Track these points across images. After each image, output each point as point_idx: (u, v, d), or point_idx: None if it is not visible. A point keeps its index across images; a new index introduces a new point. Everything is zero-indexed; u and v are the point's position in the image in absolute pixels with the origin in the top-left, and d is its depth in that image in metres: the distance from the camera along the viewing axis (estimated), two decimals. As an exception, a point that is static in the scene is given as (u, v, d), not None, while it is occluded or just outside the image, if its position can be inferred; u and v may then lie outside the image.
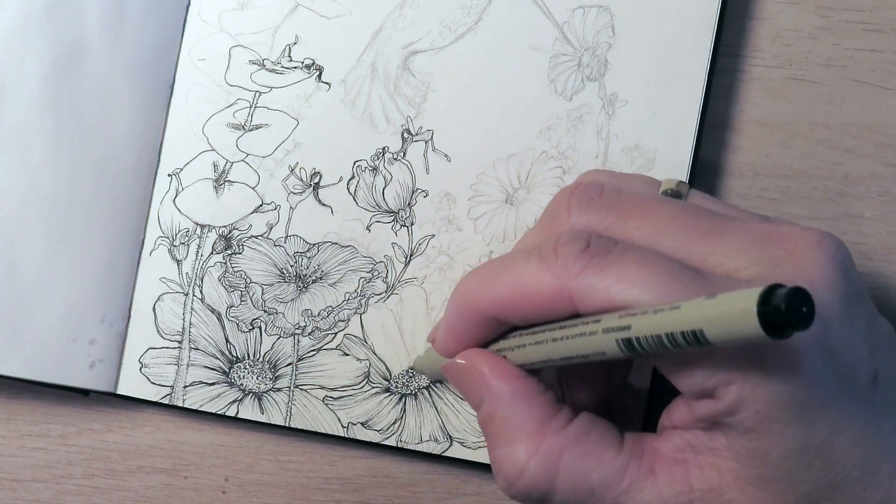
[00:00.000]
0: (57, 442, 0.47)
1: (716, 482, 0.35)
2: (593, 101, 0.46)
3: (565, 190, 0.39)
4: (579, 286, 0.35)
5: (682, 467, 0.36)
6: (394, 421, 0.46)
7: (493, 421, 0.38)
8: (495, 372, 0.38)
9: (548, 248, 0.36)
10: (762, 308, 0.29)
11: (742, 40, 0.47)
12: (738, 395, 0.33)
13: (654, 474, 0.36)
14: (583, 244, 0.35)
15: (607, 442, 0.37)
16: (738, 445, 0.34)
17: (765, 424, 0.33)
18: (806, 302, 0.30)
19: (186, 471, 0.47)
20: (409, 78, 0.46)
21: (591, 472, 0.36)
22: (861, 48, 0.47)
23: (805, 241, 0.35)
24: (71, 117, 0.45)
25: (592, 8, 0.46)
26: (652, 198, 0.38)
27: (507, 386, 0.38)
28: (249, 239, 0.46)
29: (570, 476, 0.37)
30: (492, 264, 0.38)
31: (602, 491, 0.36)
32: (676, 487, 0.36)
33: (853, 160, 0.47)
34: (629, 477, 0.36)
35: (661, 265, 0.34)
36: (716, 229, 0.36)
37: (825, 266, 0.35)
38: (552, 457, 0.37)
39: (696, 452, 0.36)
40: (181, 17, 0.47)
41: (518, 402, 0.38)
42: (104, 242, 0.46)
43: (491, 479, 0.46)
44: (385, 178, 0.46)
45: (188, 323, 0.46)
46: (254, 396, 0.46)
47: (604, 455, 0.37)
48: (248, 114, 0.46)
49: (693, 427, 0.36)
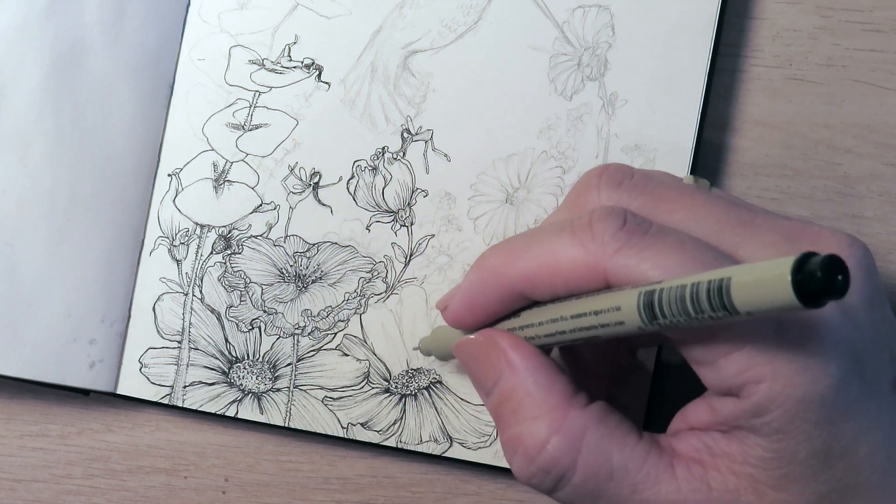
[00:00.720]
0: (57, 442, 0.47)
1: (733, 485, 0.35)
2: (593, 100, 0.46)
3: (594, 170, 0.38)
4: (615, 265, 0.34)
5: (699, 466, 0.35)
6: (394, 421, 0.46)
7: (513, 398, 0.37)
8: (516, 347, 0.37)
9: (582, 223, 0.35)
10: (797, 276, 0.29)
11: (742, 40, 0.47)
12: (767, 393, 0.33)
13: (673, 468, 0.36)
14: (620, 222, 0.35)
15: (626, 428, 0.36)
16: (758, 451, 0.34)
17: (793, 425, 0.33)
18: (842, 270, 0.29)
19: (186, 471, 0.47)
20: (408, 78, 0.46)
21: (612, 455, 0.36)
22: (861, 48, 0.47)
23: (836, 242, 0.35)
24: (71, 117, 0.45)
25: (592, 8, 0.46)
26: (682, 186, 0.38)
27: (530, 360, 0.37)
28: (249, 239, 0.46)
29: (592, 456, 0.36)
30: (518, 238, 0.38)
31: (621, 476, 0.36)
32: (695, 484, 0.35)
33: (853, 160, 0.47)
34: (649, 466, 0.36)
35: (699, 251, 0.34)
36: (747, 221, 0.36)
37: (854, 269, 0.34)
38: (576, 433, 0.36)
39: (713, 455, 0.35)
40: (181, 17, 0.47)
41: (541, 377, 0.37)
42: (104, 242, 0.46)
43: (491, 479, 0.46)
44: (385, 178, 0.46)
45: (188, 323, 0.46)
46: (253, 396, 0.46)
47: (625, 439, 0.36)
48: (247, 114, 0.46)
49: (712, 429, 0.35)
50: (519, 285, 0.37)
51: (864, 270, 0.35)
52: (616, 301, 0.34)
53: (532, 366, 0.37)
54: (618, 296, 0.34)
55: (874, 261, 0.36)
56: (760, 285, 0.29)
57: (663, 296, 0.32)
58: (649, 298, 0.32)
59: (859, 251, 0.35)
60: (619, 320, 0.34)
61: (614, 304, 0.34)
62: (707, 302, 0.31)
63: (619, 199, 0.37)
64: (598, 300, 0.35)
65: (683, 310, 0.32)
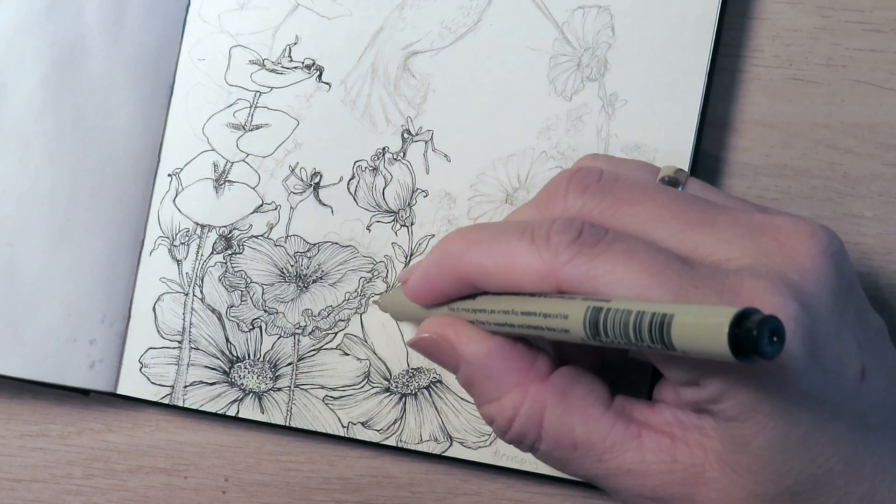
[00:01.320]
0: (57, 442, 0.47)
1: (699, 459, 0.35)
2: (593, 101, 0.46)
3: (564, 173, 0.39)
4: (566, 274, 0.35)
5: (668, 439, 0.36)
6: (394, 421, 0.46)
7: (474, 384, 0.39)
8: (463, 338, 0.39)
9: (541, 232, 0.36)
10: (734, 328, 0.29)
11: (742, 40, 0.47)
12: (721, 385, 0.33)
13: (640, 438, 0.36)
14: (575, 234, 0.36)
15: (593, 398, 0.37)
16: (720, 431, 0.35)
17: (746, 415, 0.33)
18: (777, 333, 0.30)
19: (186, 471, 0.47)
20: (409, 78, 0.46)
21: (574, 427, 0.37)
22: (861, 48, 0.47)
23: (797, 232, 0.35)
24: (71, 117, 0.45)
25: (592, 8, 0.46)
26: (648, 185, 0.38)
27: (479, 348, 0.38)
28: (250, 239, 0.46)
29: (554, 429, 0.37)
30: (482, 230, 0.39)
31: (585, 447, 0.37)
32: (661, 455, 0.36)
33: (853, 160, 0.47)
34: (614, 437, 0.36)
35: (648, 256, 0.34)
36: (708, 218, 0.36)
37: (816, 258, 0.35)
38: (537, 407, 0.37)
39: (685, 429, 0.36)
40: (181, 17, 0.47)
41: (493, 361, 0.38)
42: (104, 242, 0.46)
43: (491, 479, 0.46)
44: (385, 178, 0.46)
45: (188, 323, 0.46)
46: (254, 396, 0.46)
47: (588, 411, 0.37)
48: (248, 114, 0.46)
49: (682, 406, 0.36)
50: (473, 276, 0.38)
51: (828, 258, 0.35)
52: (565, 309, 0.35)
53: (483, 353, 0.38)
54: (568, 304, 0.35)
55: (843, 248, 0.36)
56: (698, 330, 0.30)
57: (609, 316, 0.33)
58: (595, 316, 0.33)
59: (824, 239, 0.36)
60: (565, 328, 0.35)
61: (563, 311, 0.35)
62: (647, 333, 0.31)
63: (584, 204, 0.38)
64: (549, 304, 0.35)
65: (625, 334, 0.32)
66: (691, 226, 0.36)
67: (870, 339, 0.36)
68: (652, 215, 0.37)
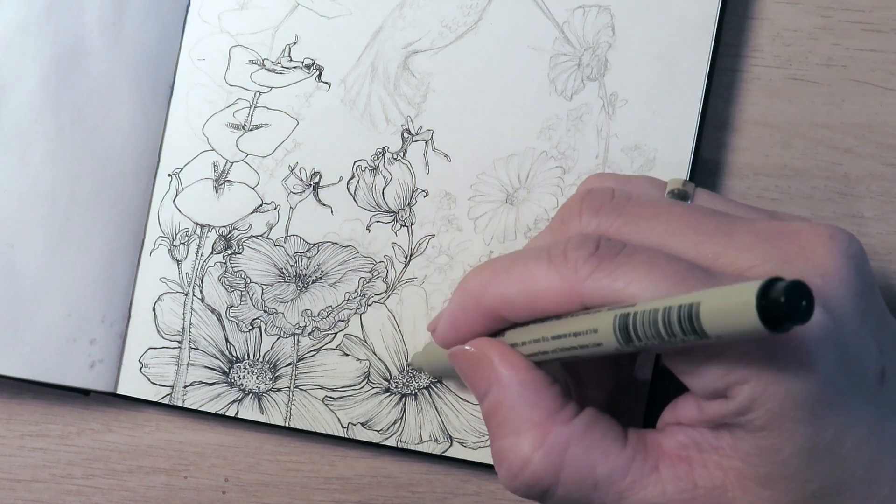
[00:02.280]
0: (57, 442, 0.47)
1: (720, 481, 0.35)
2: (593, 100, 0.46)
3: (576, 195, 0.39)
4: (588, 289, 0.35)
5: (685, 464, 0.36)
6: (394, 421, 0.46)
7: (500, 411, 0.38)
8: (504, 360, 0.38)
9: (557, 250, 0.36)
10: (761, 301, 0.29)
11: (742, 40, 0.47)
12: (750, 393, 0.33)
13: (658, 471, 0.36)
14: (592, 247, 0.35)
15: (612, 436, 0.37)
16: (745, 445, 0.34)
17: (776, 423, 0.33)
18: (805, 295, 0.29)
19: (186, 471, 0.47)
20: (409, 78, 0.46)
21: (596, 466, 0.36)
22: (861, 48, 0.47)
23: (817, 236, 0.35)
24: (71, 117, 0.45)
25: (592, 8, 0.46)
26: (661, 201, 0.38)
27: (516, 375, 0.38)
28: (249, 239, 0.46)
29: (575, 469, 0.36)
30: (499, 262, 0.38)
31: (606, 485, 0.36)
32: (680, 484, 0.35)
33: (853, 160, 0.47)
34: (633, 472, 0.36)
35: (668, 265, 0.34)
36: (725, 228, 0.36)
37: (838, 261, 0.35)
38: (558, 449, 0.36)
39: (701, 450, 0.36)
40: (181, 17, 0.47)
41: (526, 392, 0.37)
42: (104, 242, 0.46)
43: (491, 479, 0.46)
44: (385, 178, 0.46)
45: (188, 323, 0.46)
46: (254, 396, 0.46)
47: (609, 449, 0.36)
48: (248, 114, 0.46)
49: (699, 425, 0.36)
50: (498, 308, 0.38)
51: (849, 260, 0.35)
52: (593, 323, 0.34)
53: (519, 380, 0.38)
54: (595, 318, 0.34)
55: (863, 250, 0.36)
56: (727, 311, 0.30)
57: (637, 319, 0.33)
58: (624, 321, 0.33)
59: (844, 241, 0.35)
60: (598, 342, 0.35)
61: (592, 326, 0.35)
62: (678, 326, 0.31)
63: (599, 224, 0.37)
64: (577, 322, 0.35)
65: (657, 333, 0.32)
66: (709, 236, 0.36)
67: (889, 341, 0.36)
68: (668, 228, 0.36)
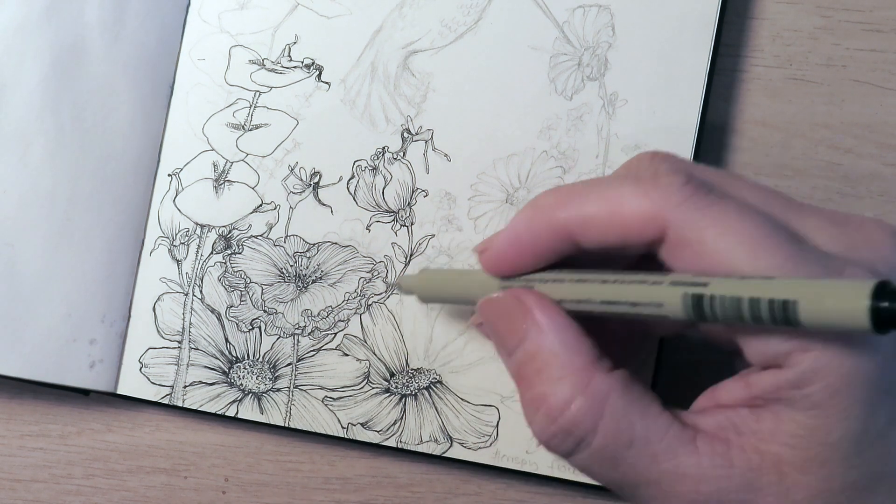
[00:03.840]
0: (57, 442, 0.47)
1: (756, 463, 0.34)
2: (593, 100, 0.46)
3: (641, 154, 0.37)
4: (677, 217, 0.34)
5: (723, 443, 0.35)
6: (394, 421, 0.46)
7: (538, 357, 0.36)
8: (543, 307, 0.37)
9: (647, 174, 0.35)
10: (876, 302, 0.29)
11: (742, 40, 0.47)
12: (813, 363, 0.32)
13: (696, 443, 0.35)
14: (685, 178, 0.34)
15: (650, 398, 0.36)
16: (791, 426, 0.34)
17: (833, 400, 0.33)
18: None
19: (186, 471, 0.47)
20: (408, 77, 0.46)
21: (634, 423, 0.35)
22: (861, 48, 0.47)
23: (881, 230, 0.35)
24: (71, 117, 0.45)
25: (592, 7, 0.46)
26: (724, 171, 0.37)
27: (556, 321, 0.37)
28: (249, 239, 0.46)
29: (614, 420, 0.35)
30: (576, 184, 0.37)
31: (642, 444, 0.35)
32: (717, 460, 0.35)
33: (853, 160, 0.47)
34: (671, 437, 0.35)
35: (758, 218, 0.33)
36: (795, 206, 0.35)
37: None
38: (600, 396, 0.35)
39: (739, 433, 0.35)
40: (181, 17, 0.47)
41: (568, 337, 0.36)
42: (104, 242, 0.46)
43: (491, 479, 0.46)
44: (385, 178, 0.46)
45: (188, 323, 0.46)
46: (253, 396, 0.46)
47: (648, 409, 0.36)
48: (247, 113, 0.46)
49: (742, 405, 0.35)
50: (572, 226, 0.36)
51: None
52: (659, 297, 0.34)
53: (558, 326, 0.36)
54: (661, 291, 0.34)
55: None
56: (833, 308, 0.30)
57: (715, 302, 0.32)
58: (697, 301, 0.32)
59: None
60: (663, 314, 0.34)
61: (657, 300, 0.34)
62: (769, 314, 0.31)
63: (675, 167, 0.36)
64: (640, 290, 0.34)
65: (738, 316, 0.32)
66: (782, 210, 0.35)
67: None
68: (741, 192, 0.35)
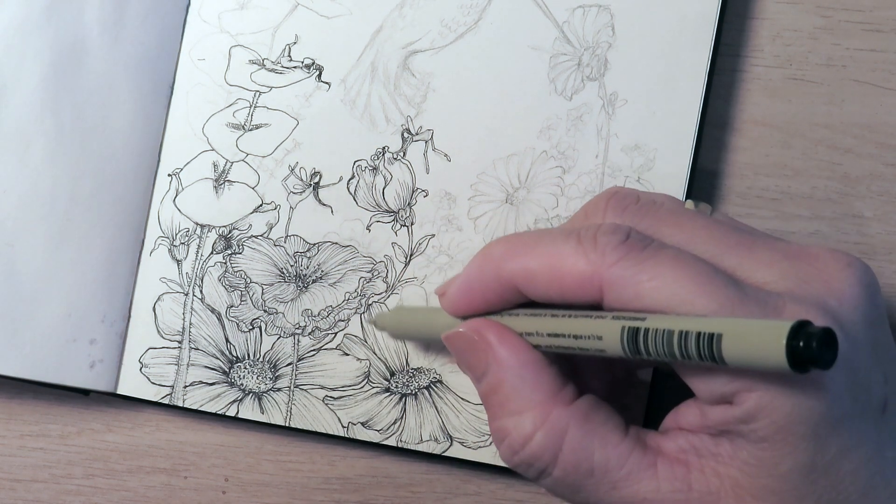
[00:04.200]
0: (57, 442, 0.47)
1: (715, 487, 0.35)
2: (593, 100, 0.46)
3: (602, 194, 0.39)
4: (612, 276, 0.35)
5: (683, 467, 0.36)
6: (394, 421, 0.46)
7: (500, 391, 0.38)
8: (503, 341, 0.38)
9: (588, 234, 0.36)
10: (792, 342, 0.29)
11: (742, 40, 0.47)
12: (757, 402, 0.33)
13: (656, 468, 0.36)
14: (623, 236, 0.36)
15: (612, 425, 0.37)
16: (744, 455, 0.34)
17: (779, 436, 0.33)
18: (833, 344, 0.30)
19: (186, 471, 0.47)
20: (409, 77, 0.46)
21: (593, 452, 0.36)
22: (861, 48, 0.47)
23: (835, 262, 0.36)
24: (71, 117, 0.45)
25: (592, 7, 0.46)
26: (684, 210, 0.39)
27: (516, 356, 0.38)
28: (249, 239, 0.46)
29: (573, 452, 0.37)
30: (526, 235, 0.38)
31: (601, 473, 0.36)
32: (676, 484, 0.36)
33: (853, 160, 0.47)
34: (630, 464, 0.36)
35: (696, 266, 0.34)
36: (746, 242, 0.36)
37: (854, 287, 0.35)
38: (558, 430, 0.37)
39: (700, 456, 0.36)
40: (181, 17, 0.47)
41: (527, 372, 0.37)
42: (104, 242, 0.46)
43: (491, 479, 0.46)
44: (385, 178, 0.46)
45: (188, 323, 0.46)
46: (254, 396, 0.46)
47: (608, 438, 0.37)
48: (248, 113, 0.46)
49: (700, 432, 0.36)
50: (517, 279, 0.38)
51: (864, 288, 0.35)
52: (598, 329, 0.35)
53: (519, 361, 0.38)
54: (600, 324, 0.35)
55: (877, 281, 0.36)
56: (753, 346, 0.30)
57: (649, 336, 0.33)
58: (633, 334, 0.33)
59: (859, 270, 0.36)
60: (600, 348, 0.35)
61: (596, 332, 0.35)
62: (695, 350, 0.32)
63: (624, 221, 0.37)
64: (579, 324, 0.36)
65: (669, 352, 0.33)
66: (730, 248, 0.36)
67: (893, 372, 0.36)
68: (690, 237, 0.37)
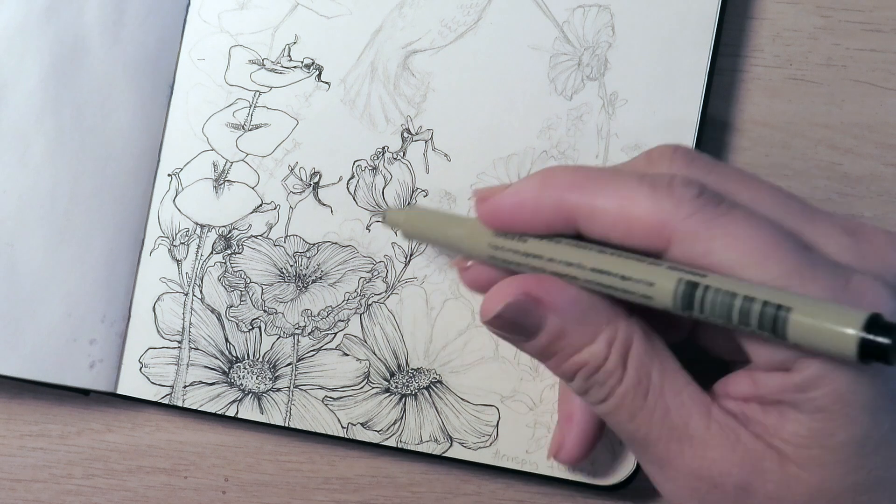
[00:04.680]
0: (57, 442, 0.47)
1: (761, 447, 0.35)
2: (593, 100, 0.46)
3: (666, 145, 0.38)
4: (685, 229, 0.34)
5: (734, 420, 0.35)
6: (394, 421, 0.46)
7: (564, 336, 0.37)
8: (550, 291, 0.37)
9: (662, 182, 0.35)
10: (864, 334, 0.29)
11: (742, 40, 0.47)
12: (818, 370, 0.33)
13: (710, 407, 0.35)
14: (697, 190, 0.35)
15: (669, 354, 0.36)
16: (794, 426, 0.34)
17: (837, 406, 0.33)
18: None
19: (186, 471, 0.47)
20: (408, 77, 0.46)
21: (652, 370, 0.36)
22: (861, 48, 0.47)
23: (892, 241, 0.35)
24: (71, 117, 0.45)
25: (592, 7, 0.46)
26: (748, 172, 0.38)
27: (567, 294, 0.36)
28: (249, 239, 0.46)
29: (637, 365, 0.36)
30: (592, 170, 0.37)
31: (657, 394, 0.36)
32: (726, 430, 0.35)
33: (853, 160, 0.47)
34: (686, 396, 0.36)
35: (768, 228, 0.34)
36: (808, 211, 0.36)
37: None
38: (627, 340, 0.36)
39: (747, 423, 0.35)
40: (181, 17, 0.47)
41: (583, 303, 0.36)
42: (104, 242, 0.46)
43: (491, 479, 0.46)
44: (385, 178, 0.46)
45: (188, 323, 0.46)
46: (253, 396, 0.46)
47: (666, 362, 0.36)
48: (247, 113, 0.46)
49: (751, 401, 0.35)
50: (579, 213, 0.36)
51: None
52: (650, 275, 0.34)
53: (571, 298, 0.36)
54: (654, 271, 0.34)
55: None
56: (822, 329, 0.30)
57: (708, 293, 0.32)
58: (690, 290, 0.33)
59: None
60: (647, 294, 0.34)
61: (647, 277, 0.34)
62: (757, 320, 0.31)
63: (691, 174, 0.36)
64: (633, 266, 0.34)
65: (726, 314, 0.32)
66: (794, 215, 0.35)
67: None
68: (755, 196, 0.36)
